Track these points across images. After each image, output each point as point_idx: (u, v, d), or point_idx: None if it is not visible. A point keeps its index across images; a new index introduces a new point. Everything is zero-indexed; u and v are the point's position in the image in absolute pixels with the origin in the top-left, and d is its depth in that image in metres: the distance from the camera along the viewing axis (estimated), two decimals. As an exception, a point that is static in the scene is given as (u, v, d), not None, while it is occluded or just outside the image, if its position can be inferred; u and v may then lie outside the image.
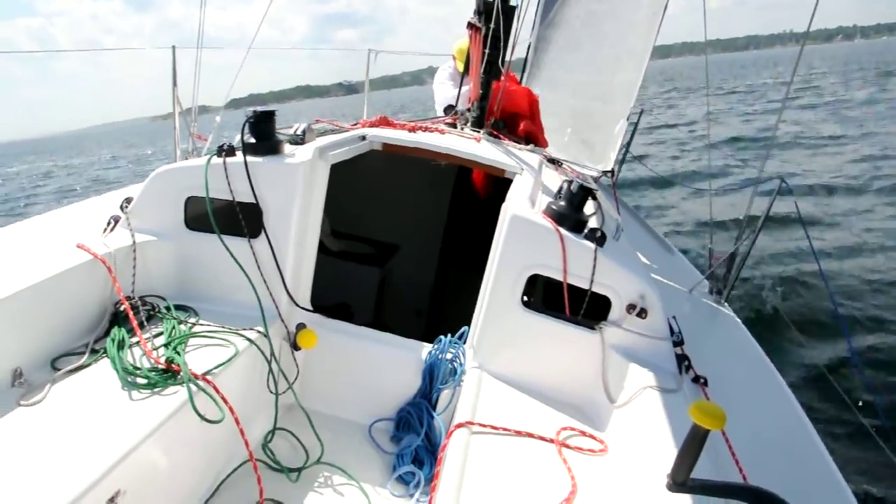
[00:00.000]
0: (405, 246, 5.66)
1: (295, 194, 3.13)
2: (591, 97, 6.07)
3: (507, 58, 4.70)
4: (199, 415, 2.37)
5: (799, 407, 3.11)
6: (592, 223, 2.95)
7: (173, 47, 4.71)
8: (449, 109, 5.34)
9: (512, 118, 4.96)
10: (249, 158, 3.08)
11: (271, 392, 2.99)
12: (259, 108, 3.19)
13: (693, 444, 1.75)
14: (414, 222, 5.80)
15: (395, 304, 5.51)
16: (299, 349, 3.17)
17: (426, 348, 3.17)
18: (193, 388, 2.43)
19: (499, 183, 4.73)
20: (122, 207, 3.35)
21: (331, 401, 3.23)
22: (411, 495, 2.74)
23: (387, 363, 3.21)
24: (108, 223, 3.31)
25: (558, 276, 2.84)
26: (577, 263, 2.81)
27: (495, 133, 4.48)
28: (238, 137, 3.22)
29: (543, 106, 5.71)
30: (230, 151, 3.15)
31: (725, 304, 4.27)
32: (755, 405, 3.13)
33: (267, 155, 3.15)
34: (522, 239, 2.90)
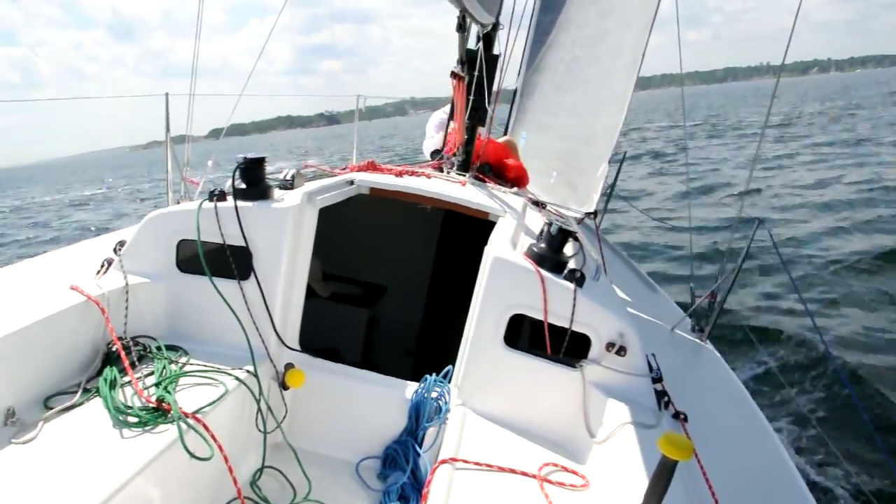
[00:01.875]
0: (393, 287, 5.75)
1: (284, 237, 3.23)
2: (575, 139, 6.21)
3: (492, 104, 4.85)
4: (189, 452, 2.43)
5: (779, 443, 3.19)
6: (572, 264, 3.05)
7: (167, 94, 4.85)
8: (435, 154, 5.47)
9: (497, 163, 5.10)
10: (240, 203, 3.19)
11: (260, 431, 3.05)
12: (249, 155, 3.31)
13: (661, 475, 1.82)
14: (402, 264, 5.90)
15: (383, 344, 5.57)
16: (288, 388, 3.23)
17: (412, 387, 3.23)
18: (183, 426, 2.49)
19: (484, 227, 4.86)
20: (115, 250, 3.44)
21: (319, 439, 3.28)
22: None
23: (374, 402, 3.28)
24: (102, 265, 3.39)
25: (539, 316, 2.93)
26: (557, 303, 2.91)
27: (480, 177, 4.60)
28: (228, 183, 3.34)
29: (529, 149, 5.85)
30: (221, 196, 3.27)
31: (708, 341, 4.36)
32: (735, 440, 3.20)
33: (257, 200, 3.27)
34: (504, 280, 3.00)
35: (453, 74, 4.98)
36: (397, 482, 2.99)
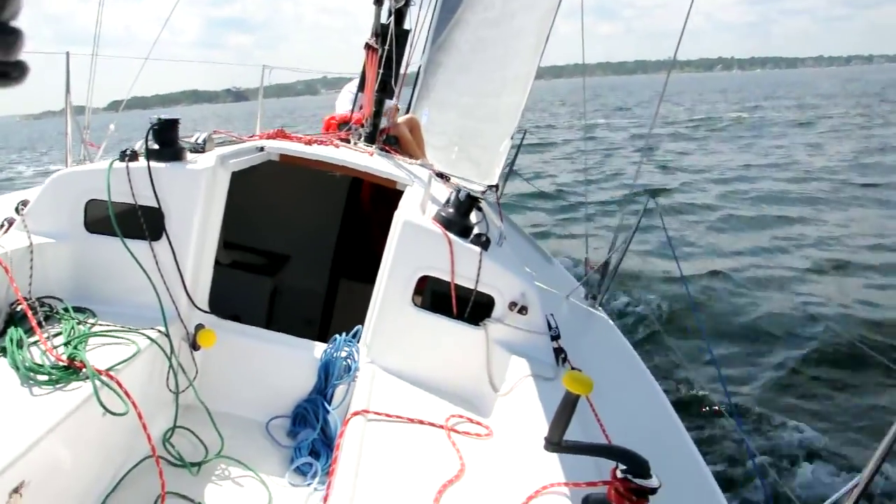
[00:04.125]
0: (297, 256, 5.79)
1: (197, 199, 3.25)
2: (478, 118, 6.40)
3: (400, 78, 4.96)
4: (105, 408, 2.45)
5: (662, 392, 3.49)
6: (477, 230, 3.22)
7: (67, 53, 4.70)
8: (343, 125, 5.53)
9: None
10: (153, 164, 3.19)
11: (171, 391, 3.08)
12: (163, 116, 3.30)
13: (565, 408, 2.02)
14: (306, 233, 5.94)
15: (286, 313, 5.61)
16: (198, 349, 3.27)
17: (321, 347, 3.33)
18: (97, 383, 2.50)
19: (389, 197, 4.97)
20: (17, 209, 3.36)
21: (229, 399, 3.32)
22: (309, 485, 2.89)
23: (283, 362, 3.36)
24: (2, 225, 3.31)
25: (446, 277, 3.09)
26: (463, 265, 3.07)
27: (386, 148, 4.71)
28: (139, 143, 3.32)
29: (431, 126, 5.99)
30: (133, 156, 3.24)
31: (600, 308, 4.64)
32: (625, 393, 3.47)
33: (170, 161, 3.26)
34: (413, 243, 3.14)
35: (367, 46, 5.05)
36: (307, 438, 3.09)
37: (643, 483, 1.94)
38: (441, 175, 4.75)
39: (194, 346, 3.27)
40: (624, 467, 1.99)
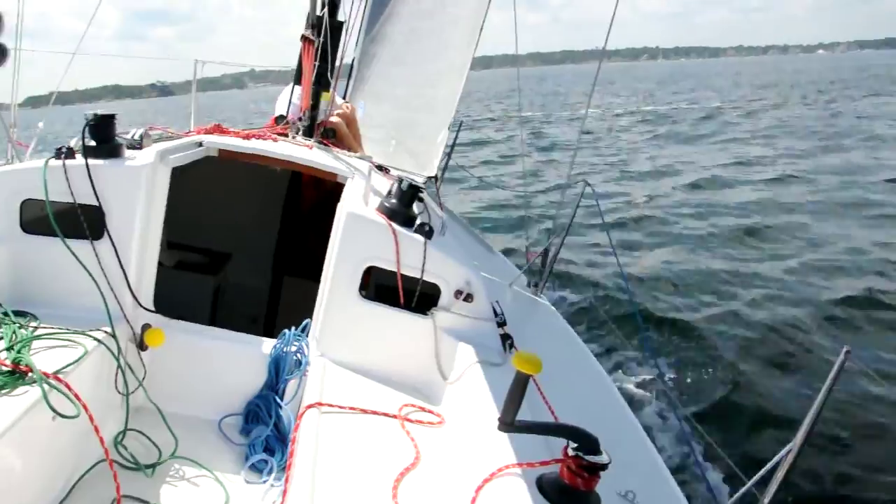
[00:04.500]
0: (238, 254, 5.72)
1: (138, 196, 3.19)
2: (414, 109, 6.43)
3: (336, 70, 4.94)
4: (55, 411, 2.41)
5: (605, 374, 3.61)
6: (420, 220, 3.26)
7: None
8: (280, 119, 5.48)
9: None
10: (91, 161, 3.11)
11: (120, 392, 3.03)
12: (99, 112, 3.22)
13: (517, 388, 2.08)
14: (247, 230, 5.87)
15: (230, 312, 5.55)
16: (145, 349, 3.22)
17: (269, 343, 3.33)
18: (46, 386, 2.45)
19: (328, 192, 4.95)
20: None
21: (178, 399, 3.28)
22: (265, 481, 2.90)
23: (232, 359, 3.34)
24: None
25: (392, 268, 3.12)
26: (408, 255, 3.11)
27: (324, 141, 4.70)
28: (74, 140, 3.24)
29: (367, 118, 5.99)
30: (70, 153, 3.16)
31: (542, 295, 4.74)
32: (569, 372, 3.57)
33: (108, 158, 3.20)
34: (358, 234, 3.16)
35: (303, 38, 5.02)
36: (261, 435, 3.09)
37: (594, 459, 2.01)
38: (381, 167, 4.76)
39: (141, 347, 3.22)
40: (575, 445, 2.06)
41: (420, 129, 6.06)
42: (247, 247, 5.82)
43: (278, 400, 3.17)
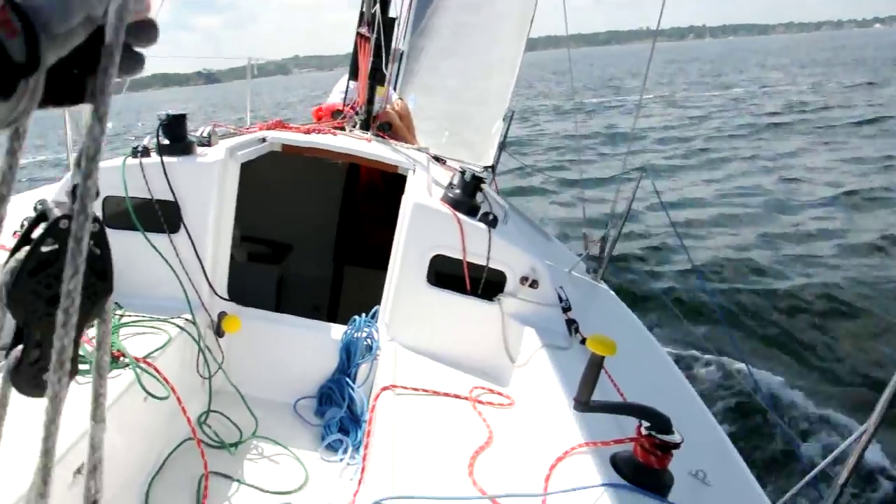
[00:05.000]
0: (299, 245, 5.89)
1: (211, 191, 3.36)
2: (466, 102, 6.53)
3: (389, 65, 5.07)
4: (148, 392, 2.58)
5: (668, 357, 3.66)
6: (484, 209, 3.36)
7: None
8: (336, 114, 5.62)
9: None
10: (166, 159, 3.29)
11: (201, 376, 3.21)
12: (171, 112, 3.40)
13: (592, 369, 2.16)
14: (307, 221, 6.03)
15: (293, 302, 5.72)
16: (223, 335, 3.39)
17: (340, 328, 3.46)
18: (138, 370, 2.63)
19: (384, 183, 5.07)
20: (35, 209, 3.44)
21: (255, 382, 3.44)
22: (341, 460, 3.04)
23: (303, 345, 3.49)
24: (22, 225, 3.39)
25: (458, 256, 3.22)
26: (474, 243, 3.21)
27: (381, 134, 4.83)
28: (147, 138, 3.43)
29: (418, 110, 6.10)
30: (145, 152, 3.34)
31: (601, 281, 4.79)
32: (633, 355, 3.62)
33: (181, 155, 3.37)
34: (425, 224, 3.27)
35: (359, 35, 5.16)
36: (336, 416, 3.23)
37: (666, 438, 2.08)
38: (437, 158, 4.87)
39: (219, 333, 3.39)
40: (648, 424, 2.13)
41: (473, 120, 6.16)
42: (307, 238, 5.98)
43: (351, 383, 3.31)
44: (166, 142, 3.38)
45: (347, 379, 3.34)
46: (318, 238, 6.03)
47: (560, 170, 17.95)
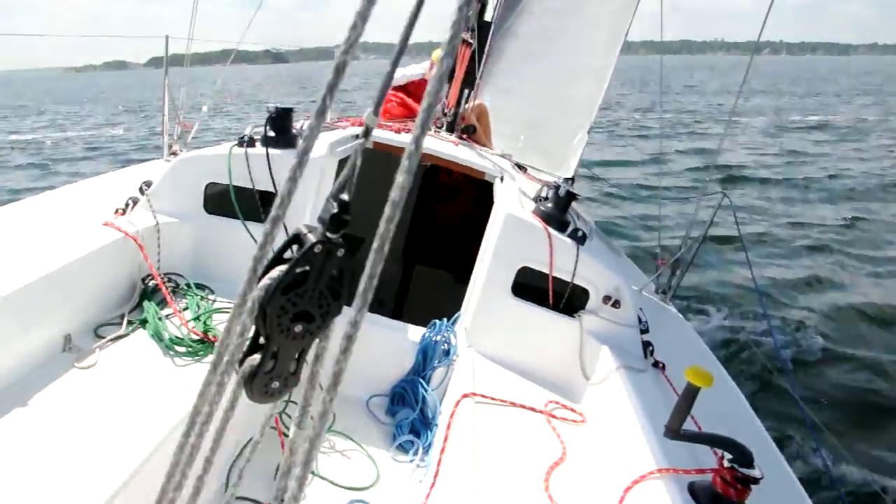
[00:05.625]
0: (371, 239, 5.99)
1: (311, 185, 3.46)
2: (546, 107, 6.49)
3: (480, 69, 5.11)
4: None
5: (736, 387, 3.64)
6: (572, 225, 3.38)
7: (167, 37, 4.91)
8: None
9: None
10: (270, 150, 3.40)
11: None
12: (278, 105, 3.51)
13: (686, 399, 2.18)
14: (380, 217, 6.12)
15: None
16: None
17: (417, 330, 3.52)
18: None
19: (459, 186, 5.10)
20: (141, 189, 3.60)
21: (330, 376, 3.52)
22: (411, 461, 3.10)
23: (382, 343, 3.55)
24: (127, 204, 3.54)
25: (545, 269, 3.26)
26: (561, 258, 3.24)
27: (465, 137, 4.87)
28: (249, 128, 3.55)
29: (495, 113, 6.12)
30: (250, 142, 3.46)
31: (670, 303, 4.77)
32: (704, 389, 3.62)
33: (285, 148, 3.48)
34: (515, 236, 3.31)
35: (462, 40, 5.20)
36: (408, 417, 3.29)
37: (748, 472, 2.10)
38: (519, 166, 4.89)
39: None
40: (731, 457, 2.14)
41: (552, 127, 6.13)
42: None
43: (425, 385, 3.37)
44: (272, 134, 3.49)
45: (422, 381, 3.40)
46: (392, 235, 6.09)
47: (636, 185, 17.59)
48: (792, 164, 22.20)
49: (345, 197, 0.80)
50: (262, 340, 0.87)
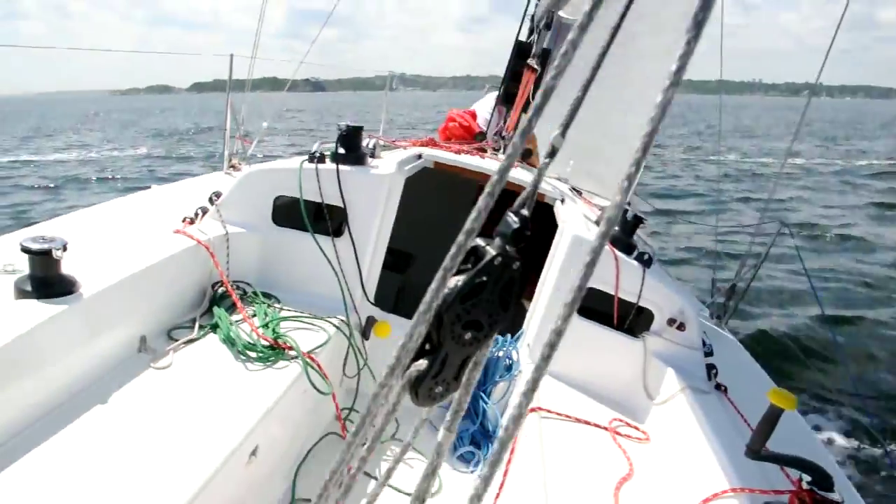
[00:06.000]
0: (421, 255, 6.04)
1: (378, 201, 3.54)
2: (598, 134, 6.52)
3: (540, 94, 5.17)
4: (316, 388, 2.73)
5: (801, 417, 3.59)
6: (639, 248, 3.40)
7: (231, 55, 5.05)
8: (480, 136, 5.75)
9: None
10: (341, 167, 3.48)
11: (345, 375, 3.36)
12: (350, 123, 3.59)
13: (769, 421, 2.17)
14: (431, 234, 6.16)
15: (409, 311, 5.86)
16: (368, 338, 3.54)
17: None
18: (303, 365, 2.78)
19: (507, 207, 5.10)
20: (210, 200, 3.69)
21: None
22: (472, 472, 3.12)
23: None
24: (196, 213, 3.63)
25: (610, 290, 3.27)
26: (627, 280, 3.24)
27: (521, 160, 4.92)
28: (316, 145, 3.63)
29: (541, 137, 6.16)
30: (321, 158, 3.54)
31: (725, 328, 4.74)
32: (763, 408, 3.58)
33: (354, 165, 3.56)
34: (581, 256, 3.32)
35: (527, 66, 5.30)
36: (468, 429, 3.31)
37: (828, 496, 2.07)
38: (575, 189, 4.93)
39: (365, 336, 3.53)
40: (809, 479, 2.12)
41: (604, 153, 6.15)
42: (429, 249, 6.11)
43: (485, 398, 3.38)
44: (342, 151, 3.57)
45: (483, 394, 3.41)
46: (439, 251, 6.12)
47: (688, 212, 17.39)
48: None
49: (525, 213, 0.84)
50: (427, 346, 0.91)
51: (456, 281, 0.85)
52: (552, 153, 0.94)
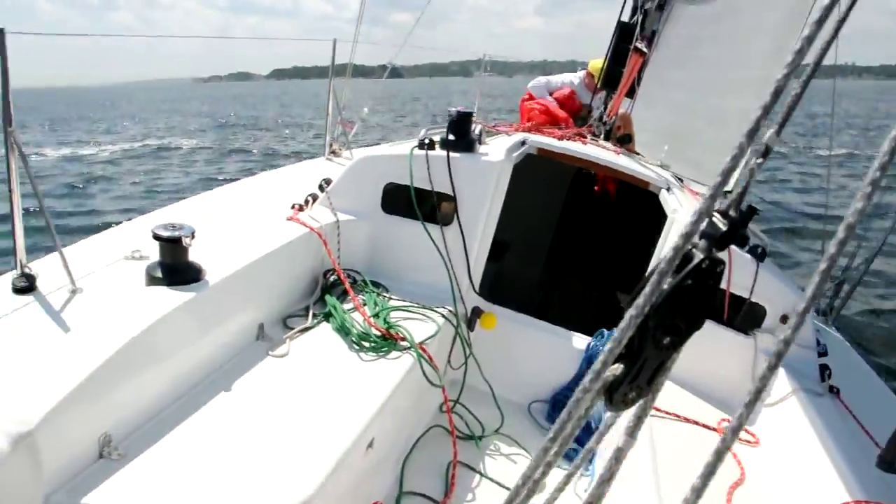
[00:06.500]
0: (516, 244, 6.01)
1: (488, 189, 3.51)
2: (695, 117, 6.30)
3: (641, 78, 5.05)
4: (429, 380, 2.75)
5: None
6: (752, 241, 3.30)
7: (334, 40, 5.08)
8: (578, 121, 5.66)
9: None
10: (451, 154, 3.46)
11: (451, 367, 3.37)
12: (460, 109, 3.56)
13: None
14: (527, 222, 6.12)
15: (501, 299, 5.85)
16: (473, 329, 3.54)
17: (582, 339, 3.52)
18: (417, 356, 2.81)
19: (611, 195, 5.02)
20: (321, 186, 3.74)
21: (493, 379, 3.54)
22: (566, 469, 3.10)
23: (546, 349, 3.57)
24: (306, 200, 3.68)
25: (721, 284, 3.18)
26: (739, 274, 3.15)
27: (621, 146, 4.83)
28: (423, 131, 3.62)
29: (637, 122, 6.02)
30: (431, 145, 3.53)
31: (832, 326, 4.56)
32: (880, 415, 3.44)
33: (465, 152, 3.53)
34: None
35: (636, 49, 5.18)
36: (570, 424, 3.30)
37: None
38: (677, 177, 4.81)
39: (470, 327, 3.54)
40: None
41: (702, 137, 5.96)
42: (524, 237, 6.07)
43: (587, 393, 3.36)
44: (452, 137, 3.54)
45: (585, 389, 3.39)
46: (534, 238, 6.08)
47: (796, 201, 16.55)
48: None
49: (734, 214, 0.82)
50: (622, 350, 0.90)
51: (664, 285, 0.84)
52: (766, 152, 0.91)
